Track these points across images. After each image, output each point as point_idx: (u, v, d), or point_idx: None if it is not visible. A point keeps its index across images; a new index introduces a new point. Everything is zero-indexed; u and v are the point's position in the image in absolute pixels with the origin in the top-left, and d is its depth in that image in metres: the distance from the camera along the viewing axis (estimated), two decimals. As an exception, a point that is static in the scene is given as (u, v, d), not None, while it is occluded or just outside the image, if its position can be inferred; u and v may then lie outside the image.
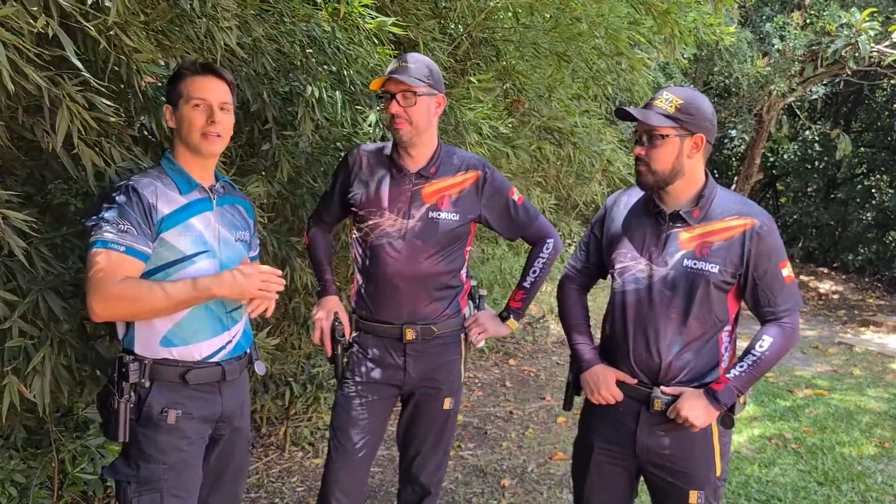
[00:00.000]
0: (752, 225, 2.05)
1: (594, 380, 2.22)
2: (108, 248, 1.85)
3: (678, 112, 2.02)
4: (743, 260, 2.05)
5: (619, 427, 2.20)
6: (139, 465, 1.96)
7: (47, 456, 2.87)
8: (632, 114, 2.05)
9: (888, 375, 6.64)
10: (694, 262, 2.06)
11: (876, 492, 3.92)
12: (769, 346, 2.07)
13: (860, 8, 8.49)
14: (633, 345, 2.16)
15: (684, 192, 2.11)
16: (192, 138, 2.01)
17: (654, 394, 2.12)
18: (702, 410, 2.05)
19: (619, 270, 2.20)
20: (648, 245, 2.14)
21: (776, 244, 2.08)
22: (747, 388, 2.10)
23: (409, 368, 2.49)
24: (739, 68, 8.63)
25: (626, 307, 2.17)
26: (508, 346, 7.01)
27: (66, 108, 1.83)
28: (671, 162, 2.05)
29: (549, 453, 4.41)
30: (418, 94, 2.32)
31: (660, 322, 2.11)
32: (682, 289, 2.08)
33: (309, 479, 3.90)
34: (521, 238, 2.66)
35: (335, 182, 2.55)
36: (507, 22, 3.70)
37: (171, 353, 1.99)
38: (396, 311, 2.45)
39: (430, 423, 2.57)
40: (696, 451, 2.13)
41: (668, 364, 2.11)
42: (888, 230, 13.58)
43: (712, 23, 4.14)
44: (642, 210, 2.20)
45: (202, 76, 2.02)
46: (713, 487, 2.14)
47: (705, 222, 2.09)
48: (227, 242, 2.10)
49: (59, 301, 2.00)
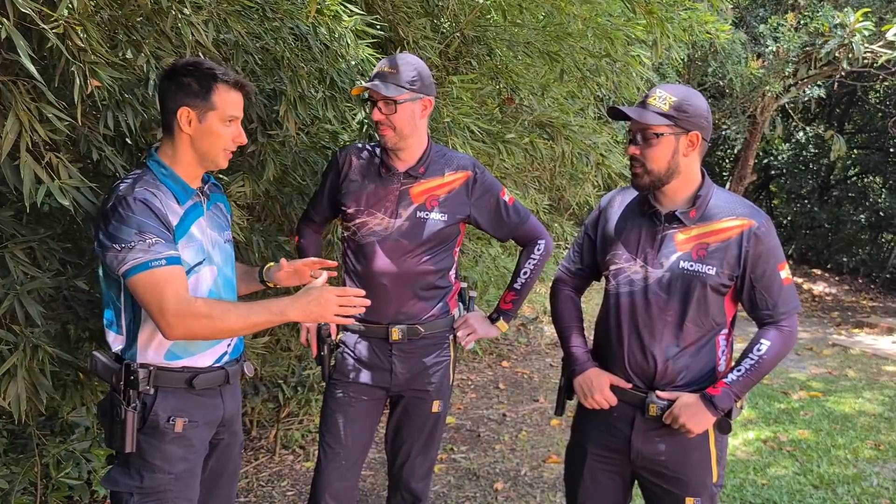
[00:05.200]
0: (750, 226, 2.01)
1: (587, 384, 2.17)
2: (151, 268, 1.75)
3: (672, 110, 1.98)
4: (740, 262, 2.01)
5: (614, 432, 2.15)
6: (143, 475, 1.89)
7: (30, 461, 2.81)
8: (625, 112, 2.01)
9: (882, 377, 6.61)
10: (690, 264, 2.02)
11: (871, 495, 3.88)
12: (767, 349, 2.03)
13: (854, 8, 8.48)
14: (628, 349, 2.11)
15: (680, 192, 2.07)
16: (214, 153, 1.94)
17: (649, 398, 2.08)
18: (698, 416, 2.01)
19: (613, 272, 2.16)
20: (644, 246, 2.10)
21: (774, 245, 2.04)
22: (745, 393, 2.06)
23: (396, 370, 2.45)
24: (733, 69, 8.61)
25: (621, 310, 2.12)
26: (502, 348, 6.98)
27: (16, 117, 1.73)
28: (667, 161, 2.01)
29: (543, 456, 4.36)
30: (399, 103, 2.29)
31: (655, 325, 2.06)
32: (678, 291, 2.04)
33: (299, 483, 3.85)
34: (512, 239, 2.63)
35: (325, 182, 2.52)
36: (497, 20, 3.66)
37: (176, 364, 1.93)
38: (383, 310, 2.42)
39: (419, 426, 2.54)
40: (692, 457, 2.09)
41: (664, 368, 2.07)
42: (881, 231, 13.61)
43: (708, 20, 4.11)
44: (637, 210, 2.16)
45: (236, 92, 1.94)
46: (710, 494, 2.10)
47: (702, 223, 2.05)
48: (219, 246, 2.05)
49: (36, 305, 1.94)
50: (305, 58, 2.59)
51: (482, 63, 3.68)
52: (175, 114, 1.88)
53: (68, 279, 2.17)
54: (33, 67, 1.65)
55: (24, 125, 1.74)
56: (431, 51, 3.31)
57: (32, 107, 1.77)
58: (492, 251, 5.60)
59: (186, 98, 1.88)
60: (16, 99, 1.73)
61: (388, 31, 3.09)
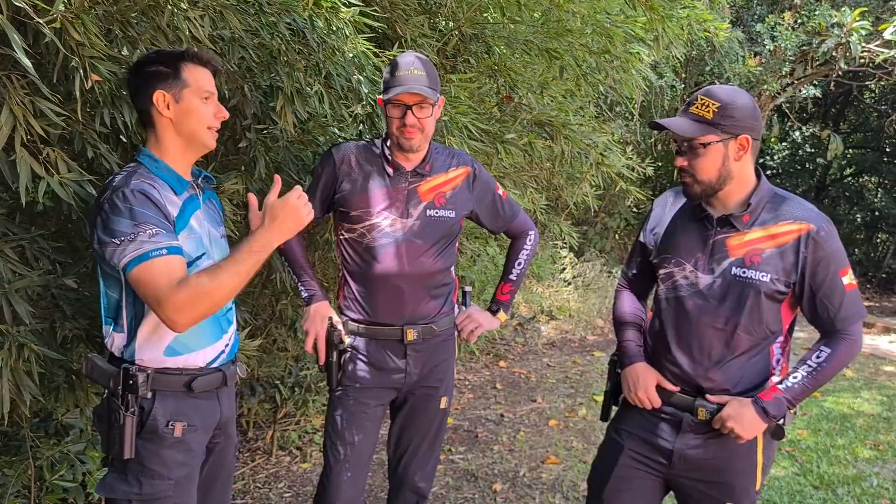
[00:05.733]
0: (808, 230, 1.90)
1: (634, 378, 2.11)
2: (151, 259, 1.71)
3: (717, 116, 1.88)
4: (797, 268, 1.91)
5: (657, 433, 2.09)
6: (141, 481, 1.85)
7: (24, 463, 2.77)
8: (666, 126, 1.93)
9: (881, 377, 6.60)
10: (743, 271, 1.94)
11: (872, 495, 3.87)
12: (827, 357, 1.93)
13: (851, 7, 8.48)
14: (676, 356, 2.05)
15: (734, 196, 1.98)
16: (199, 132, 1.89)
17: (698, 402, 2.01)
18: (749, 421, 1.92)
19: (662, 276, 2.09)
20: (694, 251, 2.02)
21: (835, 250, 1.92)
22: (800, 401, 1.96)
23: (410, 370, 2.43)
24: (731, 68, 8.60)
25: (669, 315, 2.06)
26: (499, 348, 6.95)
27: (10, 111, 1.70)
28: (717, 169, 1.92)
29: (541, 457, 4.33)
30: (434, 105, 2.28)
31: (704, 333, 1.99)
32: (729, 298, 1.95)
33: (297, 485, 3.82)
34: (504, 232, 2.66)
35: (318, 180, 2.43)
36: (496, 17, 3.63)
37: (174, 363, 1.89)
38: (398, 312, 2.39)
39: (426, 423, 2.53)
40: (737, 463, 2.02)
41: (713, 377, 2.00)
42: (877, 231, 13.63)
43: (706, 18, 4.08)
44: (689, 214, 2.08)
45: (204, 67, 1.90)
46: (751, 500, 2.04)
47: (756, 227, 1.95)
48: (216, 240, 2.01)
49: (24, 304, 1.90)
50: (302, 52, 2.55)
51: (480, 61, 3.65)
52: (151, 100, 1.84)
53: (57, 277, 2.13)
54: (28, 61, 1.61)
55: (18, 119, 1.70)
56: (429, 49, 3.28)
57: (27, 101, 1.73)
58: (490, 250, 5.58)
59: (157, 83, 1.84)
60: (10, 93, 1.70)
61: (385, 28, 3.05)
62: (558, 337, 7.72)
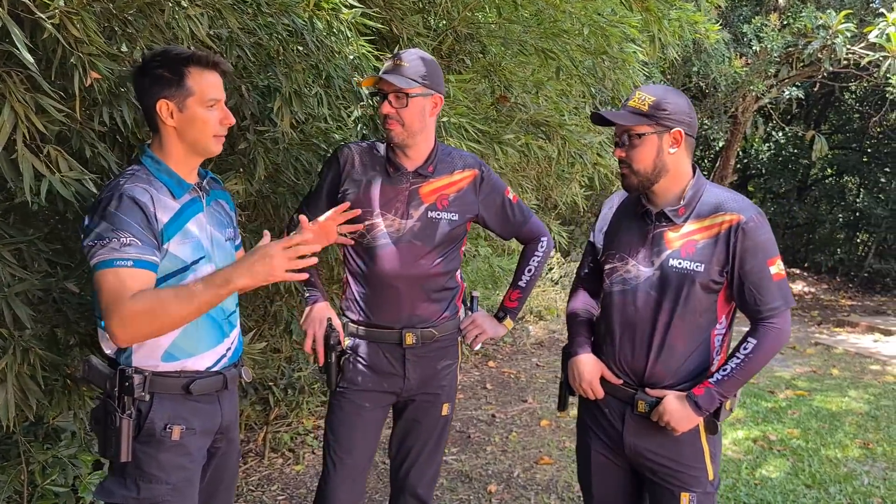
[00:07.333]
0: (738, 220, 1.98)
1: (579, 369, 2.20)
2: (115, 267, 1.67)
3: (652, 109, 1.99)
4: (728, 257, 1.99)
5: (608, 426, 2.18)
6: (139, 485, 1.81)
7: (16, 468, 2.72)
8: (606, 117, 2.03)
9: (867, 376, 6.66)
10: (679, 262, 2.01)
11: (863, 494, 3.89)
12: (754, 348, 1.99)
13: (836, 10, 8.55)
14: (619, 347, 2.12)
15: (671, 190, 2.07)
16: (204, 141, 1.86)
17: (637, 395, 2.09)
18: (683, 416, 2.00)
19: (607, 272, 2.18)
20: (635, 246, 2.11)
21: (764, 240, 2.00)
22: (732, 393, 2.03)
23: (409, 375, 2.39)
24: (717, 69, 8.65)
25: (614, 309, 2.14)
26: (487, 348, 6.94)
27: (10, 108, 1.66)
28: (652, 160, 2.01)
29: (535, 458, 4.33)
30: (411, 96, 2.24)
31: (646, 324, 2.06)
32: (668, 290, 2.03)
33: (290, 487, 3.79)
34: (515, 237, 2.60)
35: (323, 181, 2.41)
36: (491, 17, 3.62)
37: (173, 367, 1.85)
38: (395, 314, 2.36)
39: (429, 430, 2.49)
40: (684, 453, 2.08)
41: (654, 367, 2.06)
42: (858, 231, 13.78)
43: (698, 20, 4.10)
44: (631, 210, 2.18)
45: (210, 72, 1.84)
46: (705, 490, 2.09)
47: (692, 220, 2.04)
48: (219, 244, 1.97)
49: (25, 308, 1.86)
50: (300, 53, 2.52)
51: (475, 61, 3.64)
52: (154, 109, 1.81)
53: (58, 281, 2.09)
54: (30, 57, 1.58)
55: (19, 116, 1.67)
56: (425, 48, 3.26)
57: (28, 97, 1.70)
58: (482, 250, 5.57)
59: (161, 90, 1.80)
60: (10, 90, 1.66)
61: (382, 28, 3.03)
62: (546, 337, 7.73)
